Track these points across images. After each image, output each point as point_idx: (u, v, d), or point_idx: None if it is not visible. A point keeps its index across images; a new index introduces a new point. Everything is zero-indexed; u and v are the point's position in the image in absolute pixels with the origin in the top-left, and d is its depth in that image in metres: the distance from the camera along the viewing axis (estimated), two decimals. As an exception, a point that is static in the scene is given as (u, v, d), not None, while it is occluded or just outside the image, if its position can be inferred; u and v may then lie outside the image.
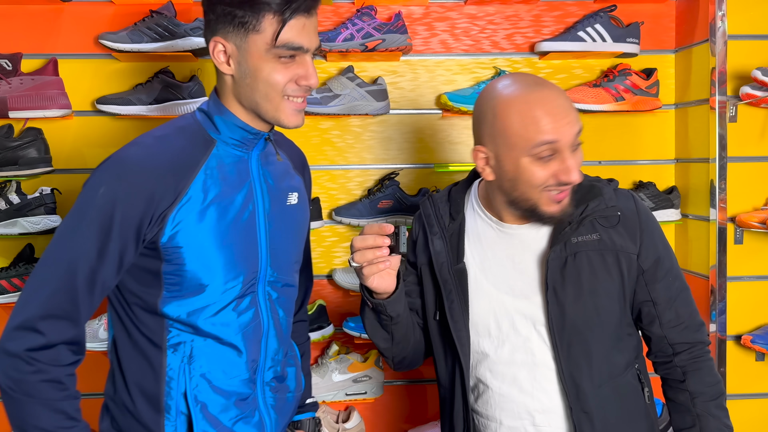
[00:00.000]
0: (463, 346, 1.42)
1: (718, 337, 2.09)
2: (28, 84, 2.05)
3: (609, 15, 2.22)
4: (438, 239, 1.46)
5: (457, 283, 1.43)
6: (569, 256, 1.38)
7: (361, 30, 2.13)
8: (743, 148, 2.20)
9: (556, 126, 1.29)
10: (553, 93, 1.33)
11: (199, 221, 1.26)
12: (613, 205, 1.41)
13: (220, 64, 1.28)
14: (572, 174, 1.30)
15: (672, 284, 1.45)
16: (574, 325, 1.37)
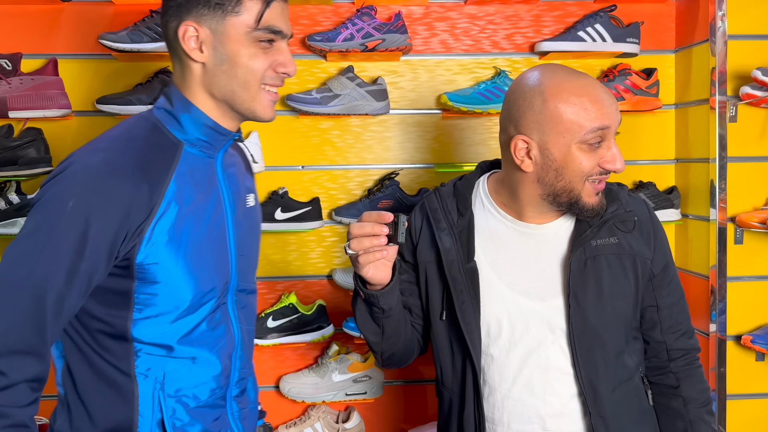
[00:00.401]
0: (476, 347, 1.38)
1: (718, 337, 2.09)
2: (28, 84, 2.05)
3: (609, 15, 2.22)
4: (447, 236, 1.41)
5: (468, 283, 1.38)
6: (589, 259, 1.37)
7: (361, 30, 2.13)
8: (743, 148, 2.20)
9: (606, 112, 1.29)
10: (595, 81, 1.34)
11: (176, 235, 1.15)
12: (630, 210, 1.41)
13: (191, 51, 1.16)
14: (617, 161, 1.31)
15: (675, 291, 1.46)
16: (594, 329, 1.36)
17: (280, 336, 2.18)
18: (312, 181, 2.28)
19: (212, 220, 1.22)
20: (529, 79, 1.34)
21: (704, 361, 2.14)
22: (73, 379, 1.19)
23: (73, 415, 1.19)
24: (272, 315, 2.18)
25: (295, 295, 2.22)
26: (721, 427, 2.09)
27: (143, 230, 1.11)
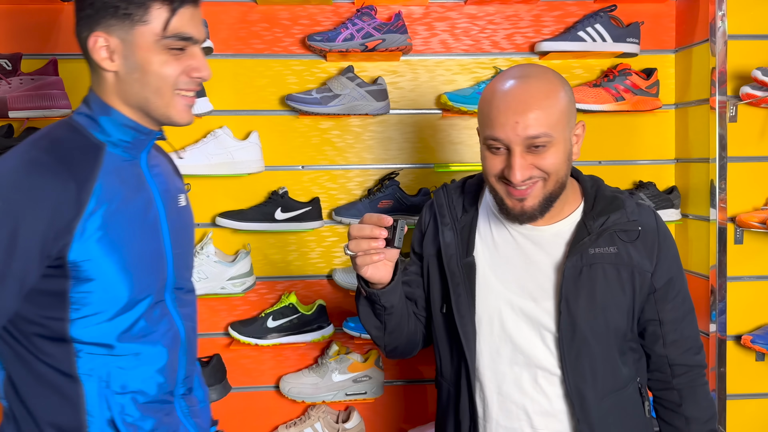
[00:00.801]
0: (469, 341, 1.40)
1: (718, 337, 2.09)
2: (28, 84, 2.05)
3: (609, 15, 2.22)
4: (449, 230, 1.44)
5: (465, 277, 1.41)
6: (585, 267, 1.36)
7: (361, 30, 2.12)
8: (743, 148, 2.20)
9: (504, 123, 1.28)
10: (522, 89, 1.30)
11: (107, 232, 1.16)
12: (635, 219, 1.39)
13: (102, 60, 1.18)
14: (514, 173, 1.28)
15: (681, 306, 1.43)
16: (583, 336, 1.36)
17: (280, 336, 2.18)
18: (312, 181, 2.28)
19: (144, 217, 1.24)
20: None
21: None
22: (16, 388, 1.18)
23: (20, 426, 1.18)
24: (272, 315, 2.18)
25: (295, 295, 2.22)
26: (721, 427, 2.09)
27: (73, 227, 1.11)
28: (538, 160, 1.30)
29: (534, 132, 1.27)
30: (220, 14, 2.21)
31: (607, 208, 1.39)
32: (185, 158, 2.13)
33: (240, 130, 2.22)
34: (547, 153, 1.30)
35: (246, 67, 2.24)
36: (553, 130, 1.29)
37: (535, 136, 1.28)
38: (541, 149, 1.29)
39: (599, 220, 1.38)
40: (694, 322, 1.47)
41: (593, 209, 1.40)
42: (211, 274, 2.14)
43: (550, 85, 1.31)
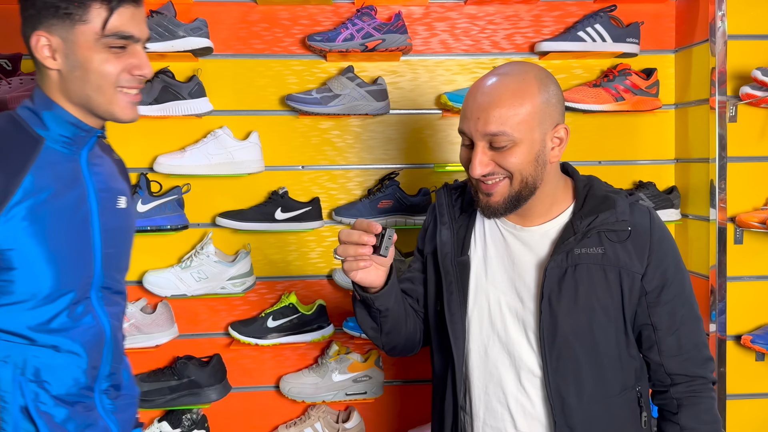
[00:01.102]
0: (458, 339, 1.41)
1: (718, 337, 2.09)
2: (28, 84, 2.05)
3: (609, 15, 2.22)
4: (446, 229, 1.46)
5: (458, 276, 1.42)
6: (569, 267, 1.34)
7: (361, 30, 2.12)
8: (743, 148, 2.20)
9: (469, 117, 1.33)
10: (493, 86, 1.32)
11: (32, 223, 1.18)
12: (625, 219, 1.36)
13: (45, 59, 1.22)
14: (473, 167, 1.32)
15: (678, 311, 1.38)
16: (565, 338, 1.34)
17: (280, 336, 2.18)
18: (312, 181, 2.28)
19: (74, 213, 1.26)
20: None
21: (704, 361, 2.14)
22: None
23: None
24: (272, 315, 2.18)
25: (295, 295, 2.22)
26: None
27: None
28: (500, 158, 1.31)
29: (493, 129, 1.29)
30: (220, 14, 2.21)
31: (597, 208, 1.36)
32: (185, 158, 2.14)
33: (240, 130, 2.22)
34: (509, 152, 1.31)
35: (246, 67, 2.24)
36: (514, 131, 1.29)
37: (494, 133, 1.29)
38: (504, 148, 1.30)
39: (587, 220, 1.36)
40: (697, 330, 1.40)
41: (582, 209, 1.38)
42: (211, 274, 2.14)
43: (523, 85, 1.30)
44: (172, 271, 2.15)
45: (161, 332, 2.15)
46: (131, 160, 2.20)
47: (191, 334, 2.26)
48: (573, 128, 2.30)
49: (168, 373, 2.15)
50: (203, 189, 2.22)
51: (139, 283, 2.18)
